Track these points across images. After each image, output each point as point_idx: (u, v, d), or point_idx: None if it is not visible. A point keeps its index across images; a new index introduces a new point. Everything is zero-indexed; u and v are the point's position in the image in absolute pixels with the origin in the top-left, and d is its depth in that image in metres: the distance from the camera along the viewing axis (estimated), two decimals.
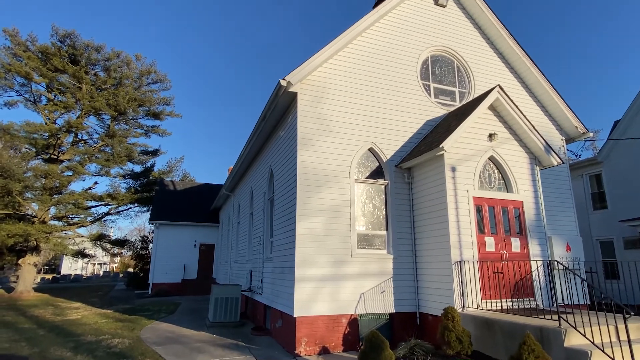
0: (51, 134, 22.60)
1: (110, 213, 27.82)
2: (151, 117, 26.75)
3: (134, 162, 28.09)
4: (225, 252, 19.72)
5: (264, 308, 10.37)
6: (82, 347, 7.98)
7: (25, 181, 21.43)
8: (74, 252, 25.00)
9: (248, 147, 12.08)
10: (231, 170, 16.61)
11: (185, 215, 24.08)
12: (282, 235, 8.91)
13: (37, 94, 24.06)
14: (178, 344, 8.35)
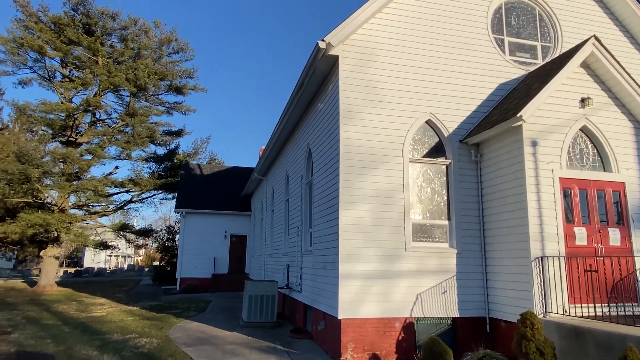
0: (68, 114, 24.11)
1: (133, 201, 29.50)
2: (173, 92, 27.69)
3: (157, 144, 29.40)
4: (258, 244, 20.28)
5: (303, 308, 10.60)
6: (108, 347, 8.62)
7: (43, 166, 23.16)
8: (95, 243, 26.86)
9: (282, 123, 12.18)
10: (263, 151, 16.90)
11: (214, 202, 24.97)
12: (323, 225, 8.97)
13: (51, 70, 25.68)
14: (210, 346, 8.78)
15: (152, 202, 35.66)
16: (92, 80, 24.46)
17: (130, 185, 26.61)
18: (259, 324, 10.79)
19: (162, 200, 34.48)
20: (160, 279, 29.62)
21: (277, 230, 15.11)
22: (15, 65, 25.10)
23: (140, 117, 25.14)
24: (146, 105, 27.45)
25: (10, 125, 30.79)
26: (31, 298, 19.46)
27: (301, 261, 10.85)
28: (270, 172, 17.52)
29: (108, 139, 25.96)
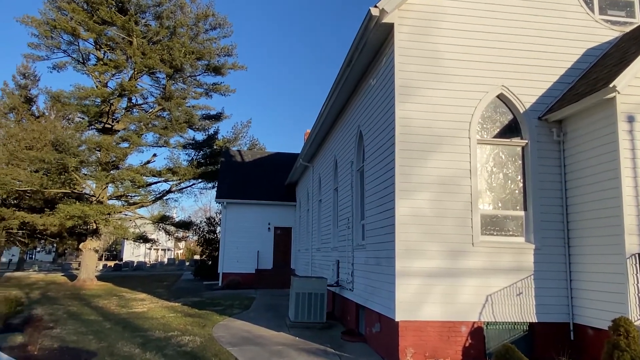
0: (103, 99, 25.43)
1: (172, 191, 30.81)
2: (211, 72, 28.41)
3: (195, 129, 30.42)
4: (304, 238, 20.54)
5: (355, 308, 10.64)
6: (150, 344, 9.12)
7: (80, 155, 24.65)
8: (135, 235, 28.40)
9: (329, 103, 12.15)
10: (308, 135, 16.98)
11: (256, 192, 25.52)
12: (377, 216, 8.92)
13: (85, 52, 27.14)
14: (255, 346, 9.06)
15: (191, 192, 37.04)
16: (126, 63, 25.59)
17: (169, 174, 27.78)
18: (307, 324, 10.97)
19: (203, 189, 35.79)
20: (202, 273, 30.86)
21: (325, 222, 15.20)
22: (49, 50, 26.78)
23: (177, 100, 26.05)
24: (183, 88, 28.43)
25: (46, 113, 32.96)
26: (72, 292, 20.96)
27: (352, 256, 10.87)
28: (317, 158, 17.59)
29: (145, 125, 27.16)
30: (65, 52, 27.01)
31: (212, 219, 36.82)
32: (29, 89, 32.09)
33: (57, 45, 26.31)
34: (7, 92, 30.96)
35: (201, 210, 72.61)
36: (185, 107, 27.38)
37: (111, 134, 26.80)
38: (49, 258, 67.46)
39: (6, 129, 29.21)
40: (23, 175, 24.92)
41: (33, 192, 26.85)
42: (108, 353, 8.33)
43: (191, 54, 25.96)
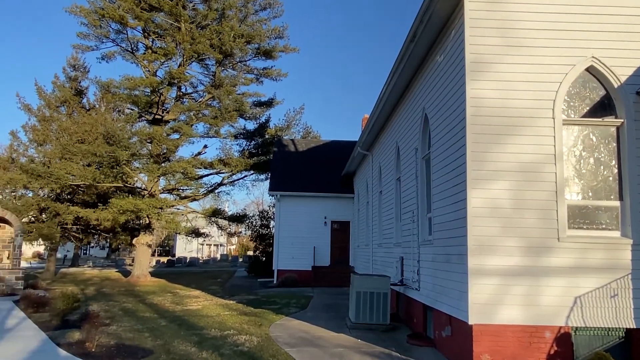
0: (153, 89, 26.53)
1: (224, 183, 31.75)
2: (262, 56, 28.87)
3: (246, 118, 31.09)
4: (364, 232, 20.49)
5: (422, 309, 10.52)
6: (206, 343, 9.48)
7: (131, 148, 25.93)
8: (187, 230, 29.57)
9: (390, 83, 11.99)
10: (367, 121, 16.86)
11: (311, 183, 25.74)
12: (446, 209, 8.73)
13: (133, 41, 28.40)
14: (314, 348, 9.17)
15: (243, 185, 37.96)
16: (175, 50, 26.50)
17: (220, 166, 28.63)
18: (369, 326, 10.97)
19: (255, 181, 36.52)
20: (256, 270, 31.66)
21: (387, 215, 15.09)
22: (98, 39, 28.25)
23: (227, 87, 26.71)
24: (233, 74, 29.09)
25: (96, 106, 34.85)
26: (126, 289, 22.19)
27: (418, 253, 10.73)
28: (376, 146, 17.45)
29: (195, 115, 28.09)
30: (114, 41, 28.39)
31: (265, 213, 37.64)
32: (79, 80, 33.96)
33: (106, 34, 27.68)
34: (58, 84, 32.93)
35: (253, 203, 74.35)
36: (236, 95, 28.02)
37: (161, 125, 27.94)
38: (103, 254, 71.80)
39: (58, 123, 31.16)
40: (76, 170, 26.56)
41: (86, 186, 28.58)
42: (164, 351, 8.73)
43: (241, 38, 26.47)
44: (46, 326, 11.20)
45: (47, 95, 32.55)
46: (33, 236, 28.47)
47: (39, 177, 26.38)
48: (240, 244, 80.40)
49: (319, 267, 24.29)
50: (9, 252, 19.73)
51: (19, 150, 32.71)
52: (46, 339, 9.77)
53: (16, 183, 28.35)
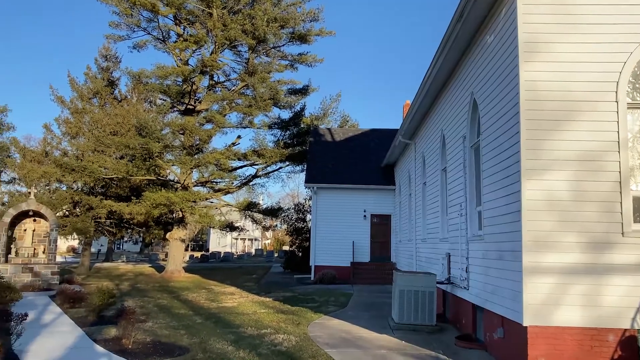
0: (184, 78, 27.01)
1: (258, 175, 32.10)
2: (296, 40, 28.87)
3: (281, 107, 31.24)
4: (406, 227, 20.35)
5: (472, 309, 10.37)
6: (243, 341, 9.64)
7: (164, 140, 26.51)
8: (221, 224, 30.10)
9: (435, 66, 11.81)
10: (409, 107, 16.66)
11: (350, 175, 25.70)
12: (498, 202, 8.56)
13: (165, 29, 28.93)
14: (356, 349, 9.18)
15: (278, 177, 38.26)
16: (207, 37, 26.85)
17: (254, 157, 28.94)
18: (413, 327, 10.89)
19: (290, 173, 36.81)
20: (292, 266, 31.95)
21: (432, 208, 14.93)
22: (129, 28, 28.93)
23: (260, 74, 26.85)
24: (267, 61, 29.22)
25: (128, 96, 35.79)
26: (160, 284, 22.82)
27: (467, 249, 10.57)
28: (419, 134, 17.24)
29: (228, 104, 28.43)
30: (145, 30, 29.01)
31: (300, 206, 37.85)
32: (111, 71, 34.94)
33: (137, 23, 28.29)
34: (90, 76, 33.96)
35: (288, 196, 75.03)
36: (270, 82, 28.13)
37: (194, 115, 28.43)
38: (136, 248, 73.99)
39: (91, 115, 32.17)
40: (109, 163, 27.41)
41: (119, 179, 29.44)
42: (201, 349, 8.92)
43: (274, 22, 26.54)
44: (82, 322, 11.64)
45: (79, 87, 33.65)
46: (67, 230, 29.56)
47: (73, 170, 27.34)
48: (275, 239, 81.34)
49: (358, 264, 24.28)
50: (44, 247, 20.60)
51: (52, 144, 34.04)
52: (83, 335, 10.15)
53: (50, 177, 29.48)
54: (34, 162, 30.82)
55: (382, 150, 25.96)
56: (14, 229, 20.32)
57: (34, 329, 10.34)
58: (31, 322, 10.41)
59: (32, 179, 28.98)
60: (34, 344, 9.15)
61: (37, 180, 29.39)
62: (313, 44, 29.87)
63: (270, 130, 32.30)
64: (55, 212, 24.36)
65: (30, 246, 20.48)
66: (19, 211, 20.00)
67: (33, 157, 31.77)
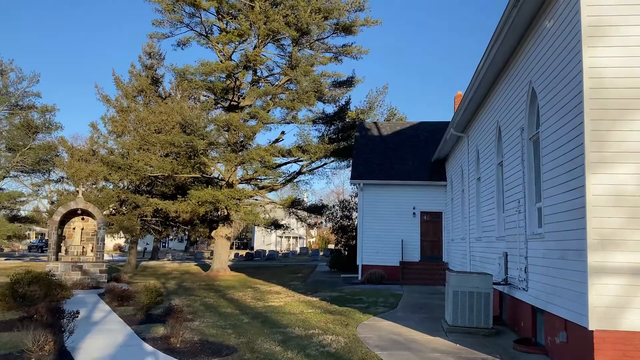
0: (228, 74, 27.50)
1: (303, 172, 32.31)
2: (341, 32, 28.86)
3: (325, 101, 31.32)
4: (459, 225, 20.04)
5: (531, 311, 10.14)
6: (291, 342, 9.75)
7: (208, 137, 27.08)
8: (266, 222, 30.50)
9: (490, 54, 11.56)
10: (461, 98, 16.37)
11: (398, 170, 25.50)
12: (559, 197, 8.32)
13: (207, 24, 29.54)
14: (408, 352, 9.13)
15: (323, 173, 38.35)
16: (250, 30, 27.18)
17: (299, 153, 29.13)
18: (468, 329, 10.73)
19: (335, 169, 36.88)
20: (338, 265, 32.04)
21: (487, 205, 14.66)
22: (172, 25, 29.69)
23: (304, 67, 26.97)
24: (310, 54, 29.32)
25: (172, 94, 36.73)
26: (206, 283, 23.35)
27: (526, 248, 10.33)
28: (473, 126, 16.91)
29: (272, 99, 28.75)
30: (188, 26, 29.68)
31: (346, 203, 37.86)
32: (155, 69, 35.95)
33: (180, 19, 28.97)
34: (134, 74, 35.05)
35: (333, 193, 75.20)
36: (313, 75, 28.21)
37: (237, 111, 28.90)
38: (181, 247, 76.06)
39: (135, 113, 33.21)
40: (154, 161, 28.22)
41: (164, 177, 30.30)
42: (248, 349, 9.08)
43: (318, 13, 26.61)
44: (131, 320, 12.05)
45: (124, 85, 34.78)
46: (114, 229, 30.65)
47: (119, 169, 28.31)
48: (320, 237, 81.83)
49: (408, 263, 24.08)
50: (92, 245, 21.46)
51: (99, 142, 35.33)
52: (132, 333, 10.52)
53: (97, 175, 30.61)
54: (82, 161, 32.05)
55: (431, 144, 25.61)
56: (63, 228, 21.26)
57: (84, 326, 10.79)
58: (82, 320, 10.86)
59: (80, 178, 30.15)
60: (85, 341, 9.55)
61: (84, 178, 30.56)
62: (358, 35, 29.76)
63: (314, 125, 32.45)
64: (102, 210, 25.31)
65: (79, 244, 21.39)
66: (68, 210, 20.89)
67: (80, 155, 33.05)
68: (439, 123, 27.53)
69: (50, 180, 44.47)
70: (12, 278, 14.02)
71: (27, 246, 66.39)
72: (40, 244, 62.66)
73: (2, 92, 39.80)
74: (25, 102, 41.44)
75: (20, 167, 40.32)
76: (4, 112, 40.59)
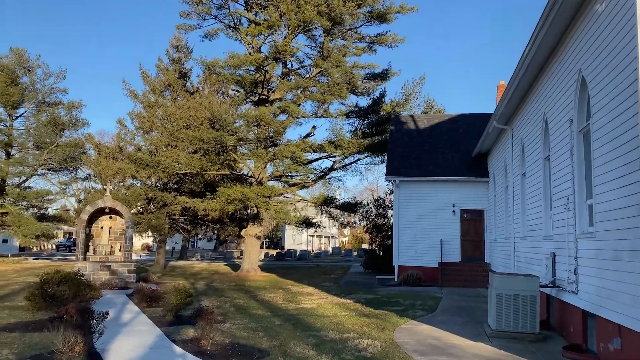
0: (257, 67, 27.68)
1: (335, 168, 32.31)
2: (375, 20, 28.71)
3: (358, 93, 31.22)
4: (502, 223, 19.74)
5: (582, 316, 9.92)
6: (324, 346, 9.77)
7: (237, 132, 27.33)
8: (297, 220, 30.61)
9: (535, 40, 11.34)
10: (504, 89, 16.10)
11: (436, 166, 25.25)
12: (613, 194, 8.13)
13: (236, 15, 29.76)
14: (448, 357, 9.05)
15: (356, 169, 38.23)
16: (279, 21, 27.27)
17: (331, 148, 29.13)
18: (513, 335, 10.57)
19: (368, 165, 36.76)
20: (373, 265, 31.97)
21: (533, 202, 14.40)
22: (200, 17, 30.04)
23: (335, 57, 26.91)
24: (342, 44, 29.26)
25: (200, 88, 37.23)
26: (236, 283, 23.62)
27: (575, 248, 10.10)
28: (517, 118, 16.62)
29: (302, 93, 28.81)
30: (216, 17, 30.00)
31: (380, 201, 37.72)
32: (183, 62, 36.51)
33: (208, 10, 29.30)
34: (161, 68, 35.68)
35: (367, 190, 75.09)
36: (346, 67, 28.13)
37: (267, 105, 29.09)
38: (210, 246, 77.10)
39: (163, 109, 33.78)
40: (182, 157, 28.65)
41: (192, 175, 30.75)
42: (281, 353, 9.14)
43: (351, 1, 26.52)
44: (160, 321, 12.28)
45: (151, 80, 35.43)
46: (142, 227, 31.28)
47: (147, 166, 28.87)
48: (353, 236, 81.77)
49: (447, 264, 23.83)
50: (120, 244, 21.94)
51: (126, 139, 36.09)
52: (161, 335, 10.71)
53: (124, 173, 31.28)
54: (109, 159, 32.77)
55: (472, 138, 25.26)
56: (91, 227, 21.81)
57: (113, 327, 11.05)
58: (111, 321, 11.10)
59: (107, 176, 30.82)
60: (115, 342, 9.77)
61: (112, 176, 31.24)
62: (393, 23, 29.49)
63: (347, 119, 32.34)
64: (130, 209, 25.87)
65: (107, 244, 21.91)
66: (95, 208, 21.42)
67: (108, 153, 33.80)
68: (480, 115, 27.15)
69: (78, 178, 45.75)
70: (42, 278, 14.43)
71: (55, 245, 68.37)
72: (68, 243, 64.45)
73: (30, 89, 41.07)
74: (52, 99, 42.76)
75: (47, 164, 41.58)
76: (32, 109, 41.91)
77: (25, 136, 41.27)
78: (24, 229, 37.26)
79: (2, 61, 39.27)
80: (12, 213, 38.29)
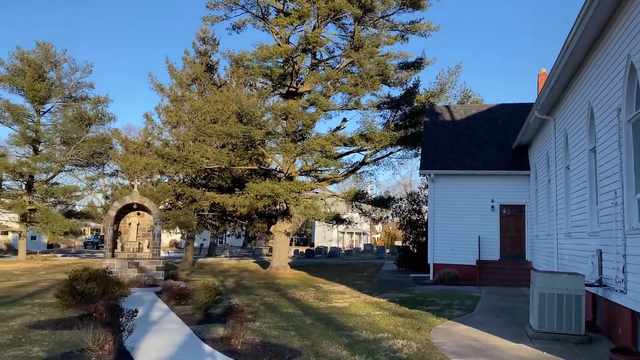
0: (286, 58, 27.73)
1: (366, 162, 32.23)
2: (408, 7, 28.41)
3: (390, 84, 31.03)
4: (544, 219, 19.42)
5: (631, 317, 9.70)
6: (358, 346, 9.77)
7: (266, 126, 27.48)
8: (327, 216, 30.64)
9: (580, 26, 11.09)
10: (546, 77, 15.81)
11: (473, 159, 24.94)
12: None
13: (264, 5, 29.82)
14: (488, 359, 8.96)
15: (388, 163, 37.76)
16: (310, 10, 27.24)
17: (362, 141, 29.06)
18: (556, 336, 10.40)
19: (401, 159, 36.50)
20: (406, 263, 31.83)
21: (577, 197, 14.12)
22: (227, 7, 30.21)
23: (367, 48, 26.79)
24: (374, 33, 29.09)
25: (227, 81, 37.49)
26: (265, 281, 23.83)
27: (624, 245, 9.86)
28: (560, 108, 16.29)
29: (332, 84, 28.76)
30: (244, 7, 30.08)
31: (414, 196, 37.44)
32: (209, 55, 36.80)
33: (235, 1, 29.44)
34: (188, 61, 36.05)
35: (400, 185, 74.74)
36: (378, 57, 27.97)
37: (296, 98, 29.15)
38: (239, 243, 77.91)
39: (190, 102, 34.14)
40: (210, 152, 28.96)
41: (220, 170, 31.05)
42: (312, 353, 9.19)
43: None
44: (189, 320, 12.49)
45: (178, 73, 35.85)
46: (170, 224, 31.72)
47: (175, 161, 29.26)
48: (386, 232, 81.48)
49: (486, 262, 23.54)
50: (148, 241, 22.33)
51: (153, 134, 36.66)
52: (191, 333, 10.90)
53: (152, 168, 31.79)
54: (136, 154, 33.32)
55: (512, 129, 24.85)
56: (118, 223, 22.26)
57: (143, 325, 11.27)
58: (140, 319, 11.32)
59: (135, 171, 31.38)
60: (144, 341, 9.98)
61: (139, 172, 31.77)
62: (427, 10, 29.10)
63: (379, 110, 32.13)
64: (158, 205, 26.28)
65: (135, 240, 22.31)
66: (123, 204, 21.84)
67: (135, 148, 34.38)
68: (520, 105, 26.70)
69: (105, 173, 46.69)
70: (70, 275, 14.80)
71: (83, 242, 70.06)
72: (95, 240, 65.97)
73: (56, 84, 42.06)
74: (79, 94, 43.72)
75: (74, 160, 42.55)
76: (58, 104, 42.91)
77: (52, 132, 42.31)
78: (52, 225, 38.27)
79: (29, 56, 40.30)
80: (40, 209, 39.36)
